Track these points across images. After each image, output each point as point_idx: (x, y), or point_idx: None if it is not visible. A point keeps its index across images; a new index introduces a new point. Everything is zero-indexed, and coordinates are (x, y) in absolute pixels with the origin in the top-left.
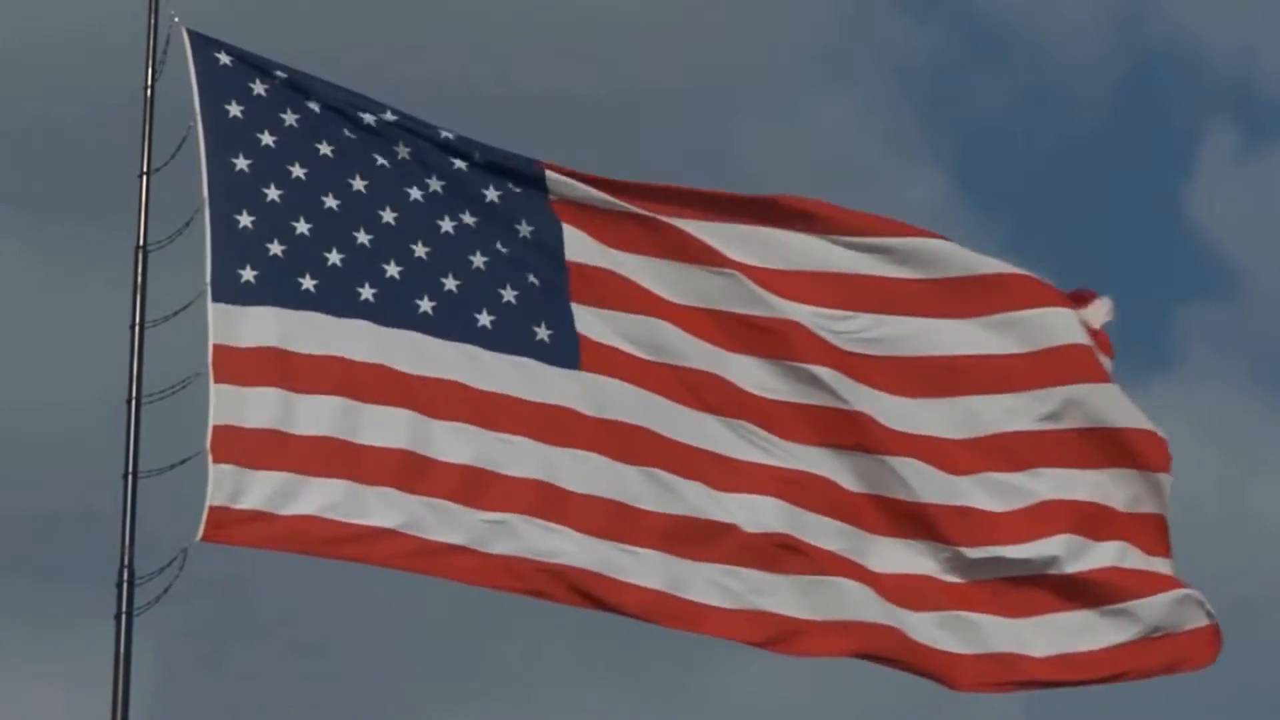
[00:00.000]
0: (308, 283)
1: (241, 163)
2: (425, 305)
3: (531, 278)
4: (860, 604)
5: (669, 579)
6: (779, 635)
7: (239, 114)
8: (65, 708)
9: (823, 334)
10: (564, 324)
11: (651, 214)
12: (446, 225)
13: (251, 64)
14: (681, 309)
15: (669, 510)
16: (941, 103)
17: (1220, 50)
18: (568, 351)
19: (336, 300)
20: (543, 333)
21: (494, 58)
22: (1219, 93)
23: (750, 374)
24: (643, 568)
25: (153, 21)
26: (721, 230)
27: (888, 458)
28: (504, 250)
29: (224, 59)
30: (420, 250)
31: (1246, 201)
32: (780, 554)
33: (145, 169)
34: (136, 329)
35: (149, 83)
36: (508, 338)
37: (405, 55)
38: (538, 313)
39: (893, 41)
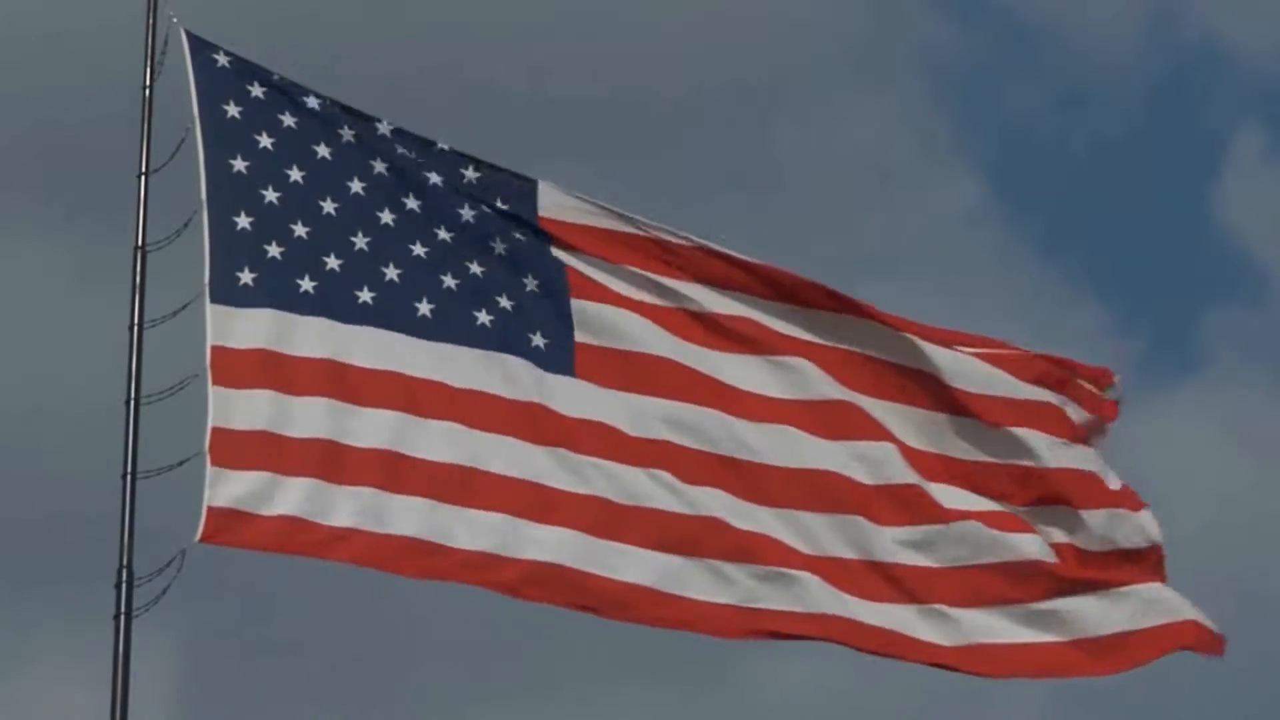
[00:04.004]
0: (306, 285)
1: (240, 164)
2: (424, 307)
3: (529, 282)
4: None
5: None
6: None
7: (237, 115)
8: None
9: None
10: (561, 329)
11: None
12: (442, 230)
13: (249, 69)
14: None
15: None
16: (976, 105)
17: (1252, 53)
18: (563, 357)
19: (335, 303)
20: (538, 339)
21: (525, 58)
22: (1250, 95)
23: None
24: (633, 566)
25: (151, 22)
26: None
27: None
28: (501, 254)
29: (222, 60)
30: (419, 250)
31: (1275, 204)
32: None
33: (144, 169)
34: (135, 329)
35: (148, 83)
36: (505, 340)
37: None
38: (534, 317)
39: (928, 43)
